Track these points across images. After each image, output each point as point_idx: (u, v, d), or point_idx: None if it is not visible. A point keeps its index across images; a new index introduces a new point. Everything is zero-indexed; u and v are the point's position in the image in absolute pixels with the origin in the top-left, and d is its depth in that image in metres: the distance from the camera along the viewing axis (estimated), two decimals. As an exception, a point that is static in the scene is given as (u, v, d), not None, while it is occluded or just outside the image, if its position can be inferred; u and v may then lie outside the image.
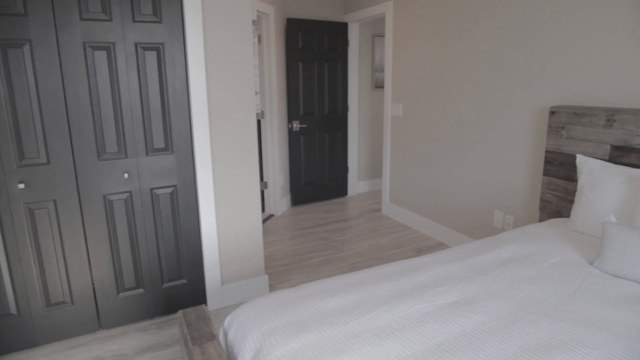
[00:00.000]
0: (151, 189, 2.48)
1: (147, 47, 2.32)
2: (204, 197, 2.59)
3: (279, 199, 4.67)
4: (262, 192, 4.64)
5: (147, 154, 2.43)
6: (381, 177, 5.13)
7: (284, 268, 3.33)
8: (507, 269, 1.86)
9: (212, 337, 1.55)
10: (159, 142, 2.45)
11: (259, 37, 4.30)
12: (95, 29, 2.19)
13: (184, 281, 2.68)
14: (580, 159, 2.50)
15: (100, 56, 2.23)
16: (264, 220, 4.45)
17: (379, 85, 5.52)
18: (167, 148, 2.48)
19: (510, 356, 1.27)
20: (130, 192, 2.43)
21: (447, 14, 3.57)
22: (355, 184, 5.51)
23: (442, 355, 1.27)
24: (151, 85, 2.37)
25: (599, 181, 2.33)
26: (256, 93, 2.70)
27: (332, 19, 5.01)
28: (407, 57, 4.11)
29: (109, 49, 2.24)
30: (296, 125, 4.78)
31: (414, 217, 4.23)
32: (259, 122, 4.47)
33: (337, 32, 4.95)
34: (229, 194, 2.68)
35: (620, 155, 2.39)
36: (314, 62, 4.85)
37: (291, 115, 4.76)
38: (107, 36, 2.22)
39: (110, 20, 2.21)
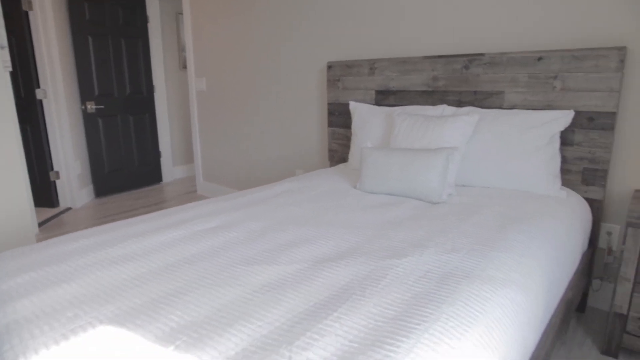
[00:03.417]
0: None
1: None
2: (-62, 173, 2.11)
3: (77, 190, 4.14)
4: (54, 183, 4.06)
5: None
6: (197, 159, 4.95)
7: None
8: (278, 198, 1.91)
9: None
10: None
11: (30, 4, 3.74)
12: None
13: None
14: (352, 105, 2.73)
15: None
16: (58, 214, 3.90)
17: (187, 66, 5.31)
18: None
19: (251, 256, 1.27)
20: None
21: (235, -19, 3.58)
22: (171, 169, 5.22)
23: (181, 267, 1.21)
24: None
25: (366, 122, 2.57)
26: (2, 48, 2.30)
27: (125, -9, 4.62)
28: (206, 29, 4.02)
29: None
30: (91, 107, 4.29)
31: (229, 192, 4.18)
32: (40, 102, 3.89)
33: (133, 7, 4.58)
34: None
35: (382, 98, 2.68)
36: (108, 38, 4.42)
37: (84, 95, 4.25)
38: None
39: None
